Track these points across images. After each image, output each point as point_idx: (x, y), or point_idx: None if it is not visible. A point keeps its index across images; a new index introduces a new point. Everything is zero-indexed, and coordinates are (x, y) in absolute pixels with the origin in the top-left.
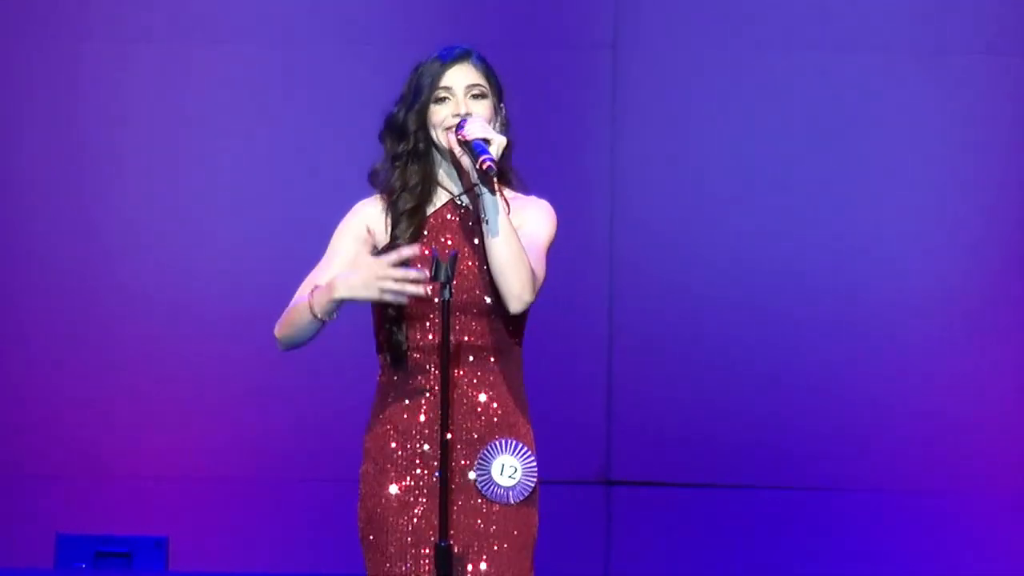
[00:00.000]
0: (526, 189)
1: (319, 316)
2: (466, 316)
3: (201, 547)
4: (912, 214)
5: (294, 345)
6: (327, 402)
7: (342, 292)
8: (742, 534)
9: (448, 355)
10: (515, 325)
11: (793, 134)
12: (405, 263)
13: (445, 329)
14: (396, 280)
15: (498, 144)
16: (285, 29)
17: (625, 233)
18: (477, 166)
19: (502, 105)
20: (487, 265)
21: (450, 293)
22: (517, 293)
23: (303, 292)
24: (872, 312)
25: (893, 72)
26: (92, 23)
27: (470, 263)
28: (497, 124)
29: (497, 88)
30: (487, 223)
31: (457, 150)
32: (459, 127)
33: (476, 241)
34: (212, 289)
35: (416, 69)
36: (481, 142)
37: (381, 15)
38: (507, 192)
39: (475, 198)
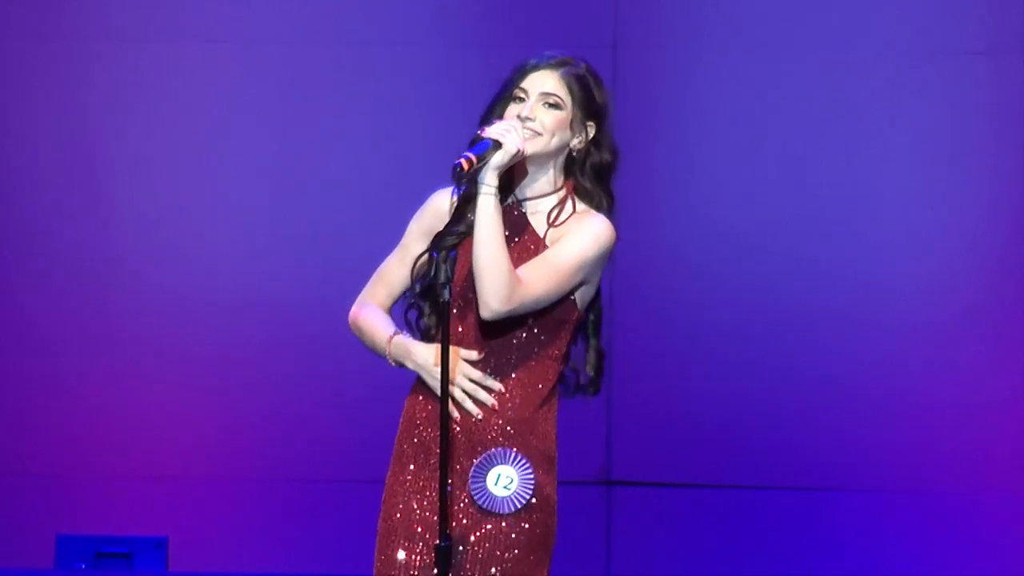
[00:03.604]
0: (603, 208)
1: (391, 364)
2: (488, 323)
3: (201, 547)
4: (912, 214)
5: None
6: (328, 402)
7: (418, 370)
8: (742, 534)
9: (448, 356)
10: (549, 338)
11: (793, 134)
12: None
13: (445, 330)
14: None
15: (506, 151)
16: (291, 30)
17: (625, 233)
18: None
19: (589, 124)
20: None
21: (449, 293)
22: (485, 299)
23: (371, 288)
24: (872, 313)
25: (893, 72)
26: (103, 23)
27: None
28: (577, 140)
29: (582, 104)
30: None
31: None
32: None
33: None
34: (213, 289)
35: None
36: (489, 141)
37: (382, 15)
38: (579, 205)
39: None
